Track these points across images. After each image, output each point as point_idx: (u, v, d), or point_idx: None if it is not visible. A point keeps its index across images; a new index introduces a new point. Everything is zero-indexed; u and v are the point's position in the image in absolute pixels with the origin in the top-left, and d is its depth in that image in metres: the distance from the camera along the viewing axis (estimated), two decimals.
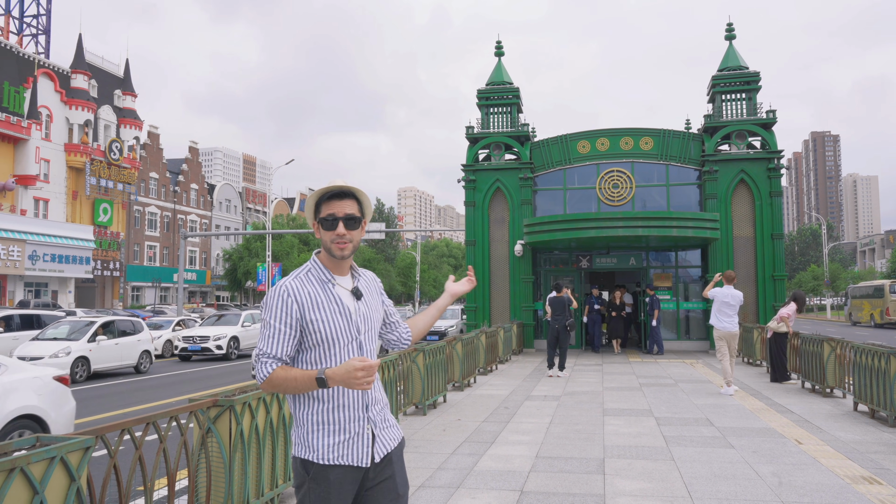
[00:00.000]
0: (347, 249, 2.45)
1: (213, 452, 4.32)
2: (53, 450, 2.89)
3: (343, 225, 2.44)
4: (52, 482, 2.88)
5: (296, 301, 2.36)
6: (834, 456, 6.69)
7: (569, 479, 5.92)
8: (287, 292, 2.37)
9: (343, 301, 2.44)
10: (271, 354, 2.34)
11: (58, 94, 49.41)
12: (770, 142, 19.48)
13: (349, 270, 2.55)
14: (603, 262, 20.51)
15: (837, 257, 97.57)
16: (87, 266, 48.28)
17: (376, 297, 2.61)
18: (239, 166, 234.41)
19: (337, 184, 2.49)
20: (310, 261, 2.52)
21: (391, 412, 2.60)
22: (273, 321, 2.36)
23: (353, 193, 2.52)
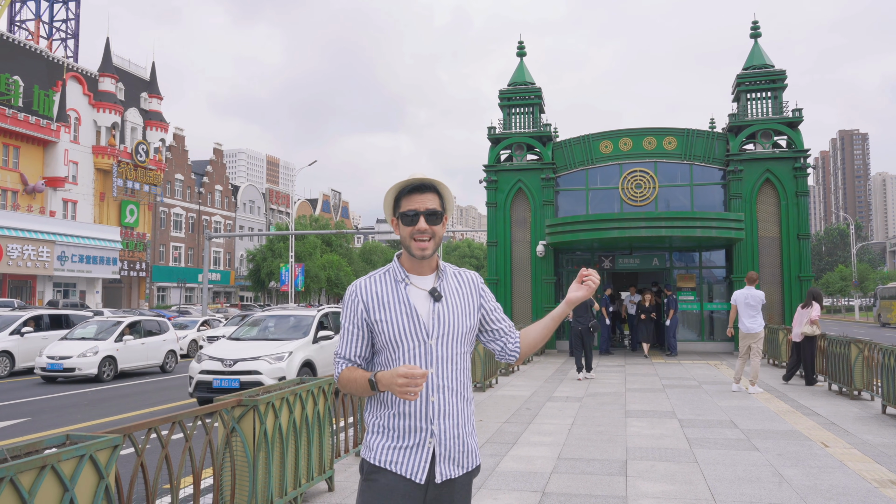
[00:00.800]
0: (429, 248, 2.31)
1: (238, 451, 4.38)
2: (83, 448, 2.96)
3: (424, 220, 2.30)
4: (81, 480, 2.94)
5: (362, 301, 2.32)
6: (861, 459, 6.59)
7: (591, 481, 5.90)
8: (354, 292, 2.35)
9: (411, 301, 2.30)
10: (343, 355, 2.35)
11: (86, 97, 50.24)
12: (796, 141, 19.21)
13: (433, 270, 2.39)
14: (626, 262, 20.39)
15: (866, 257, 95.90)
16: (114, 267, 49.02)
17: (468, 300, 2.40)
18: (262, 167, 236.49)
19: (418, 176, 2.36)
20: (392, 261, 2.42)
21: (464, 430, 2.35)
22: (345, 322, 2.37)
23: (434, 186, 2.37)
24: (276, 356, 10.72)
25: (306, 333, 11.77)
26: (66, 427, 9.70)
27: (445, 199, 2.39)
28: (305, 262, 55.83)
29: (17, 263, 40.33)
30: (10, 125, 42.61)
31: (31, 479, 2.71)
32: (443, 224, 2.36)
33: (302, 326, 12.10)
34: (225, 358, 10.67)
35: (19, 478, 2.64)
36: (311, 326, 11.93)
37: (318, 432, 5.33)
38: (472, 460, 2.35)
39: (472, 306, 2.40)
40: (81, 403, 12.22)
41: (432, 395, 2.26)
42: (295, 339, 11.55)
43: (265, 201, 76.83)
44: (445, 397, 2.28)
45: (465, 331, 2.35)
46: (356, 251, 74.29)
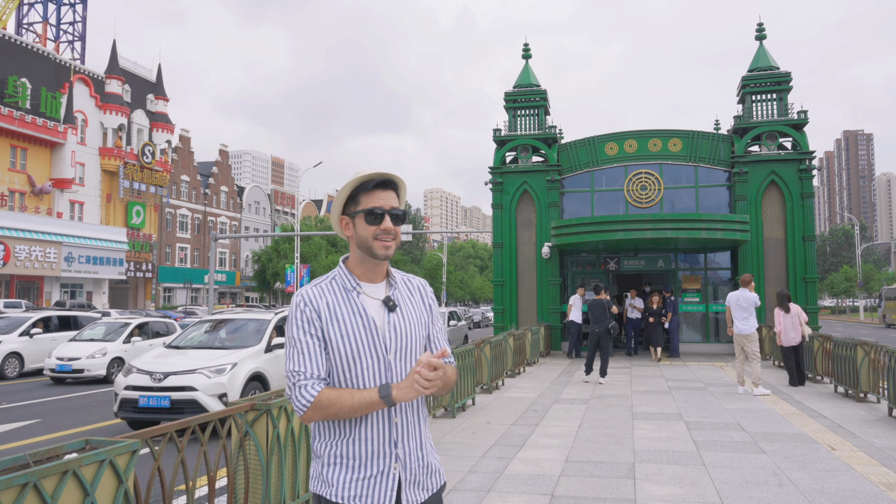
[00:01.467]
0: (392, 249, 2.11)
1: (251, 455, 4.43)
2: (103, 453, 3.01)
3: (390, 219, 2.09)
4: (101, 485, 3.00)
5: (314, 310, 2.05)
6: (868, 462, 6.61)
7: (599, 484, 5.94)
8: (303, 301, 2.06)
9: (368, 312, 2.07)
10: (309, 373, 2.00)
11: (93, 98, 50.50)
12: (801, 143, 19.21)
13: (384, 276, 2.18)
14: (631, 264, 20.41)
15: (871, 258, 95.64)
16: (121, 267, 49.25)
17: (420, 308, 2.20)
18: (267, 168, 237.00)
19: (380, 171, 2.13)
20: (336, 268, 2.16)
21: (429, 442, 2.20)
22: (298, 334, 2.04)
23: (396, 184, 2.18)
24: (216, 368, 9.09)
25: (258, 341, 10.05)
26: (79, 428, 9.79)
27: (402, 201, 2.22)
28: (311, 262, 55.94)
29: (24, 264, 40.55)
30: (17, 127, 42.87)
31: (54, 485, 2.77)
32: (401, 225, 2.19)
33: (254, 332, 10.37)
34: (154, 371, 9.04)
35: (42, 483, 2.69)
36: (264, 332, 10.23)
37: None
38: (437, 480, 2.17)
39: (424, 315, 2.19)
40: (91, 404, 12.31)
41: (395, 415, 2.06)
42: (244, 347, 9.90)
43: (270, 202, 77.03)
44: (408, 417, 2.10)
45: (422, 343, 2.16)
46: None
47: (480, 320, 48.96)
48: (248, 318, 10.95)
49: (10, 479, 2.54)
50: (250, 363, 9.58)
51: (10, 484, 2.54)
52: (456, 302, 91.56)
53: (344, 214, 2.15)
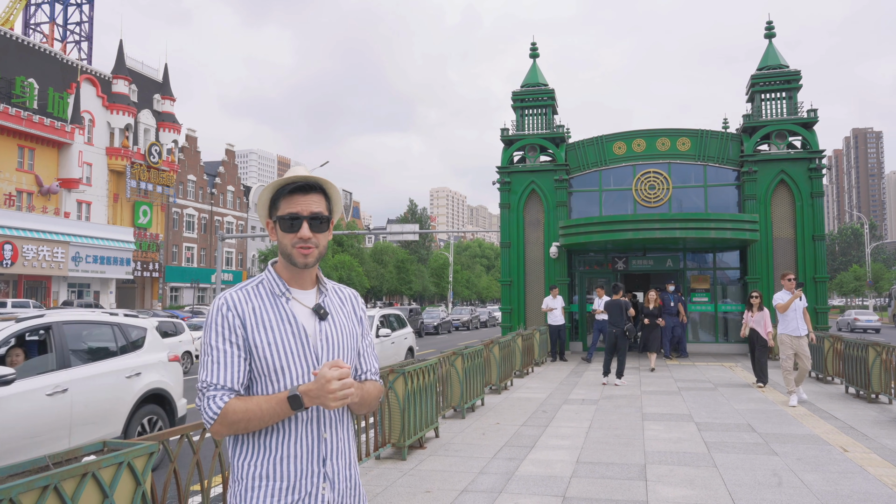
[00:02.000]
0: (312, 256, 1.96)
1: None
2: (121, 455, 3.02)
3: (308, 226, 1.95)
4: (120, 487, 3.01)
5: (237, 316, 1.89)
6: (881, 464, 6.58)
7: (611, 486, 5.93)
8: (226, 306, 1.90)
9: (298, 319, 1.94)
10: (220, 384, 1.84)
11: (99, 98, 50.66)
12: (811, 141, 19.12)
13: (314, 283, 2.05)
14: (639, 263, 20.36)
15: (881, 257, 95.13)
16: (128, 267, 49.41)
17: (351, 318, 2.09)
18: (274, 168, 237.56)
19: (300, 173, 1.98)
20: (264, 271, 2.04)
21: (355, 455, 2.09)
22: (216, 342, 1.87)
23: (320, 186, 2.02)
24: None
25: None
26: None
27: (333, 201, 2.06)
28: None
29: (31, 264, 40.71)
30: (25, 127, 43.03)
31: (74, 487, 2.78)
32: (329, 230, 2.04)
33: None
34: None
35: (62, 485, 2.70)
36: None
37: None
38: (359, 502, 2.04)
39: (355, 326, 2.09)
40: None
41: (325, 430, 1.93)
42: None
43: None
44: (338, 433, 1.97)
45: (352, 353, 2.04)
46: (367, 251, 74.49)
47: (487, 320, 48.93)
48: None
49: (32, 482, 2.55)
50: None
51: (32, 486, 2.56)
52: (462, 302, 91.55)
53: (269, 219, 2.04)
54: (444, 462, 6.81)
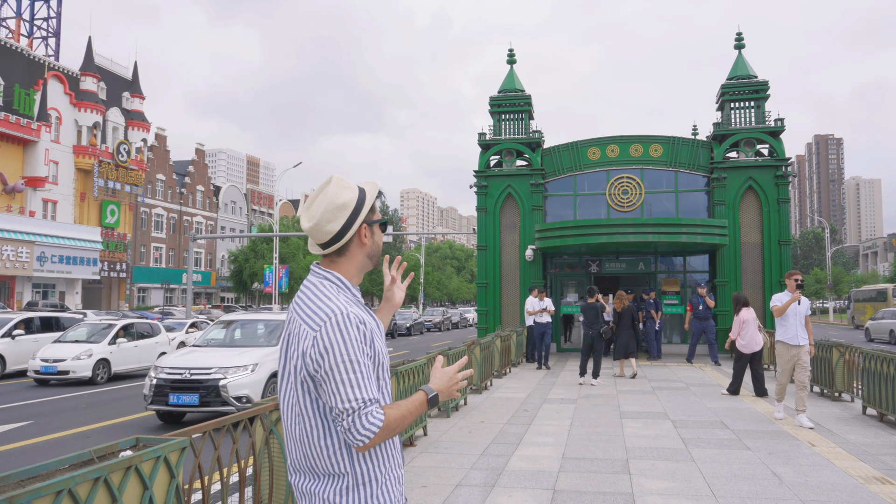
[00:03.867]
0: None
1: (275, 452, 4.64)
2: (158, 450, 3.21)
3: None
4: (157, 479, 3.20)
5: (368, 330, 1.94)
6: (846, 458, 7.00)
7: (597, 479, 6.24)
8: (359, 320, 1.91)
9: (380, 322, 2.09)
10: (374, 398, 1.86)
11: (67, 96, 49.84)
12: (778, 149, 19.81)
13: None
14: (612, 266, 20.84)
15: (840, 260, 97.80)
16: (95, 267, 48.68)
17: None
18: (243, 168, 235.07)
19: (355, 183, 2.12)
20: (328, 279, 2.03)
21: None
22: (360, 357, 1.87)
23: None
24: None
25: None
26: (77, 429, 9.85)
27: None
28: (289, 263, 55.79)
29: None
30: None
31: (119, 479, 2.97)
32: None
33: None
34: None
35: (111, 477, 2.89)
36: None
37: None
38: None
39: None
40: (80, 406, 12.33)
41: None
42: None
43: (247, 202, 76.58)
44: None
45: None
46: None
47: (459, 321, 49.23)
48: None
49: (87, 473, 2.74)
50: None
51: (87, 478, 2.74)
52: (433, 303, 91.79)
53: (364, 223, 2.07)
54: (435, 458, 7.06)
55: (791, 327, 8.96)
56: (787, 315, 8.96)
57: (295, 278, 57.74)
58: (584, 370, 13.20)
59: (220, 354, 10.30)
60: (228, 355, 10.19)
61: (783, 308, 8.97)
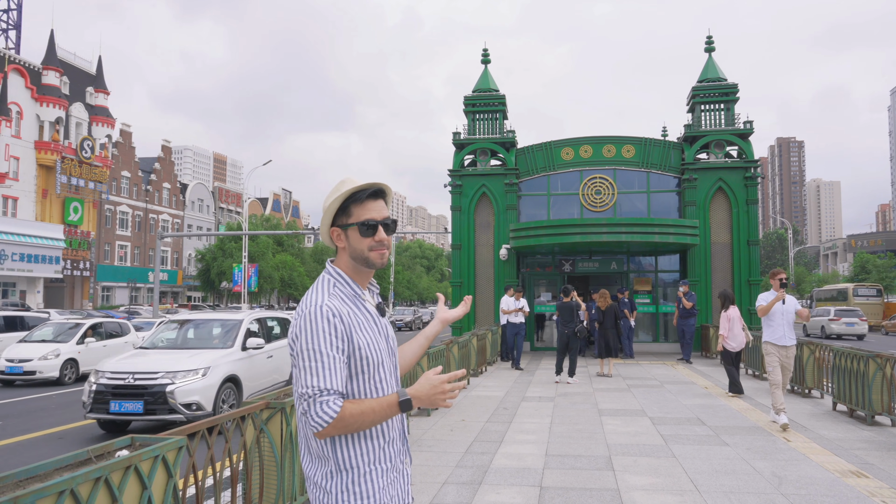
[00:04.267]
0: (386, 257, 2.13)
1: (266, 451, 4.59)
2: (157, 449, 3.16)
3: (384, 230, 2.11)
4: (156, 479, 3.14)
5: (342, 322, 1.98)
6: (821, 452, 7.16)
7: (582, 475, 6.29)
8: (331, 312, 1.97)
9: (379, 319, 2.12)
10: (333, 389, 1.91)
11: (28, 90, 48.60)
12: (747, 151, 20.20)
13: (367, 283, 2.20)
14: (585, 266, 21.03)
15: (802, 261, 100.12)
16: (57, 266, 47.59)
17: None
18: (209, 165, 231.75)
19: (357, 183, 2.11)
20: (329, 273, 2.12)
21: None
22: (326, 348, 1.94)
23: (385, 193, 2.18)
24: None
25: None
26: (47, 430, 9.61)
27: (389, 206, 2.22)
28: (258, 262, 55.20)
29: None
30: None
31: (119, 478, 2.91)
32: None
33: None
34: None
35: (111, 477, 2.83)
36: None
37: None
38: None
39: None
40: (50, 407, 12.05)
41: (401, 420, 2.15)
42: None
43: (214, 200, 75.54)
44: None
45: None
46: (308, 251, 73.75)
47: (429, 320, 48.98)
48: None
49: (88, 473, 2.68)
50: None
51: (88, 478, 2.68)
52: (402, 302, 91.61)
53: (335, 226, 2.12)
54: (419, 457, 7.05)
55: (778, 327, 8.67)
56: (773, 315, 8.69)
57: (264, 277, 57.19)
58: (560, 369, 13.28)
59: (168, 357, 9.41)
60: (178, 358, 9.29)
61: (768, 307, 8.67)
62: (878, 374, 8.58)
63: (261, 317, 11.45)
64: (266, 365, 10.78)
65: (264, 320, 11.52)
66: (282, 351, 11.30)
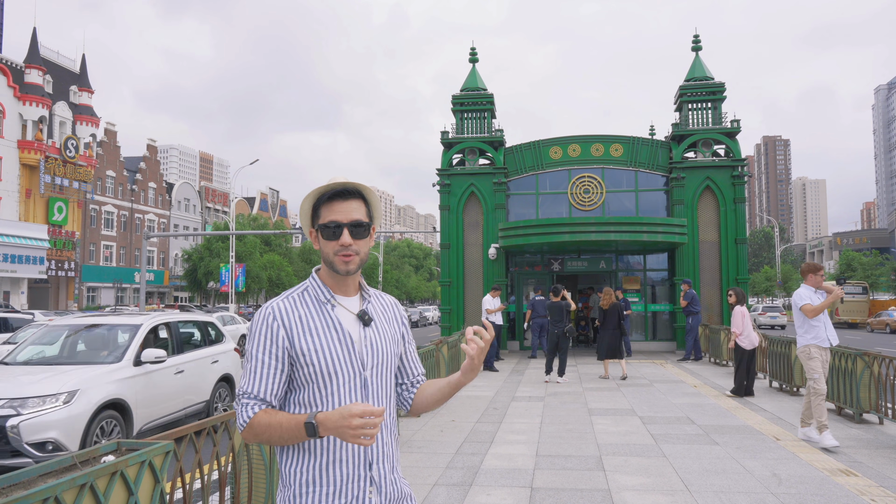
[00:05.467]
0: (353, 263, 1.97)
1: (254, 454, 4.53)
2: (143, 454, 3.10)
3: (349, 233, 1.96)
4: (143, 485, 3.08)
5: (283, 326, 1.92)
6: (811, 451, 7.18)
7: (573, 476, 6.27)
8: (272, 315, 1.93)
9: (343, 326, 1.96)
10: (254, 394, 1.88)
11: (11, 89, 48.05)
12: (734, 150, 20.30)
13: (358, 290, 2.07)
14: (574, 265, 21.05)
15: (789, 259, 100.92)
16: (41, 266, 47.09)
17: (394, 327, 2.10)
18: (196, 164, 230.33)
19: (338, 180, 2.01)
20: (308, 278, 2.06)
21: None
22: (256, 352, 1.91)
23: (359, 192, 2.03)
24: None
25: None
26: None
27: (372, 207, 2.07)
28: (246, 262, 54.90)
29: None
30: None
31: (105, 484, 2.84)
32: (370, 236, 2.03)
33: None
34: None
35: (97, 483, 2.77)
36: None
37: None
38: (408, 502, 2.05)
39: (397, 333, 2.11)
40: None
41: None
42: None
43: (201, 199, 75.06)
44: (383, 436, 1.97)
45: (395, 360, 2.07)
46: (295, 251, 73.44)
47: (418, 320, 49.13)
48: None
49: (73, 479, 2.62)
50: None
51: (73, 484, 2.62)
52: None
53: (312, 228, 2.05)
54: (409, 458, 7.00)
55: (821, 328, 7.56)
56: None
57: (252, 277, 56.90)
58: (549, 368, 13.28)
59: (22, 378, 7.06)
60: (34, 380, 6.97)
61: (821, 308, 7.44)
62: (866, 372, 8.62)
63: (170, 320, 9.04)
64: (172, 383, 8.43)
65: (174, 325, 9.07)
66: (200, 364, 9.10)
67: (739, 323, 11.16)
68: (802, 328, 7.65)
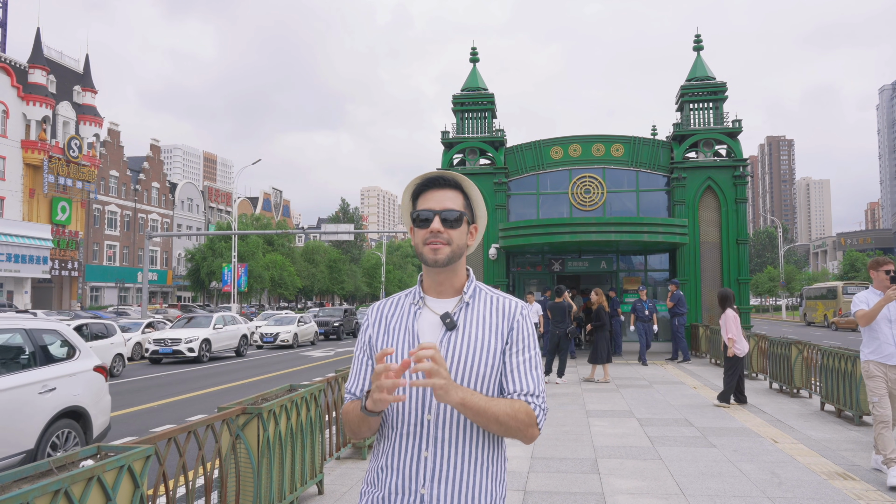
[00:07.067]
0: (442, 253, 1.82)
1: (242, 457, 4.49)
2: (122, 459, 3.05)
3: (440, 221, 1.83)
4: (121, 490, 3.04)
5: (371, 325, 1.95)
6: (808, 454, 7.12)
7: (567, 479, 6.22)
8: (367, 314, 1.99)
9: (414, 329, 1.85)
10: (349, 390, 1.95)
11: (14, 89, 48.16)
12: (736, 150, 20.20)
13: (457, 291, 1.91)
14: (575, 265, 20.98)
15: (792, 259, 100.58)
16: (45, 266, 47.20)
17: (495, 333, 1.85)
18: (199, 164, 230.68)
19: (434, 171, 1.96)
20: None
21: None
22: (356, 349, 1.99)
23: (456, 182, 1.93)
24: None
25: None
26: None
27: (473, 201, 1.95)
28: (248, 261, 54.93)
29: None
30: None
31: (81, 490, 2.80)
32: (470, 231, 1.92)
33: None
34: None
35: (72, 489, 2.73)
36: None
37: (311, 437, 5.48)
38: None
39: (499, 343, 1.85)
40: None
41: (426, 449, 1.77)
42: None
43: (204, 199, 75.15)
44: (445, 455, 1.77)
45: (485, 371, 1.81)
46: (298, 251, 73.48)
47: None
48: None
49: (46, 486, 2.57)
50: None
51: (46, 490, 2.58)
52: None
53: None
54: None
55: (886, 341, 6.05)
56: (878, 323, 6.10)
57: (255, 277, 56.95)
58: (549, 369, 13.24)
59: None
60: None
61: (873, 313, 6.04)
62: None
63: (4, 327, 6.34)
64: None
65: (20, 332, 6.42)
66: (11, 395, 5.89)
67: (733, 328, 10.20)
68: (864, 340, 6.29)
